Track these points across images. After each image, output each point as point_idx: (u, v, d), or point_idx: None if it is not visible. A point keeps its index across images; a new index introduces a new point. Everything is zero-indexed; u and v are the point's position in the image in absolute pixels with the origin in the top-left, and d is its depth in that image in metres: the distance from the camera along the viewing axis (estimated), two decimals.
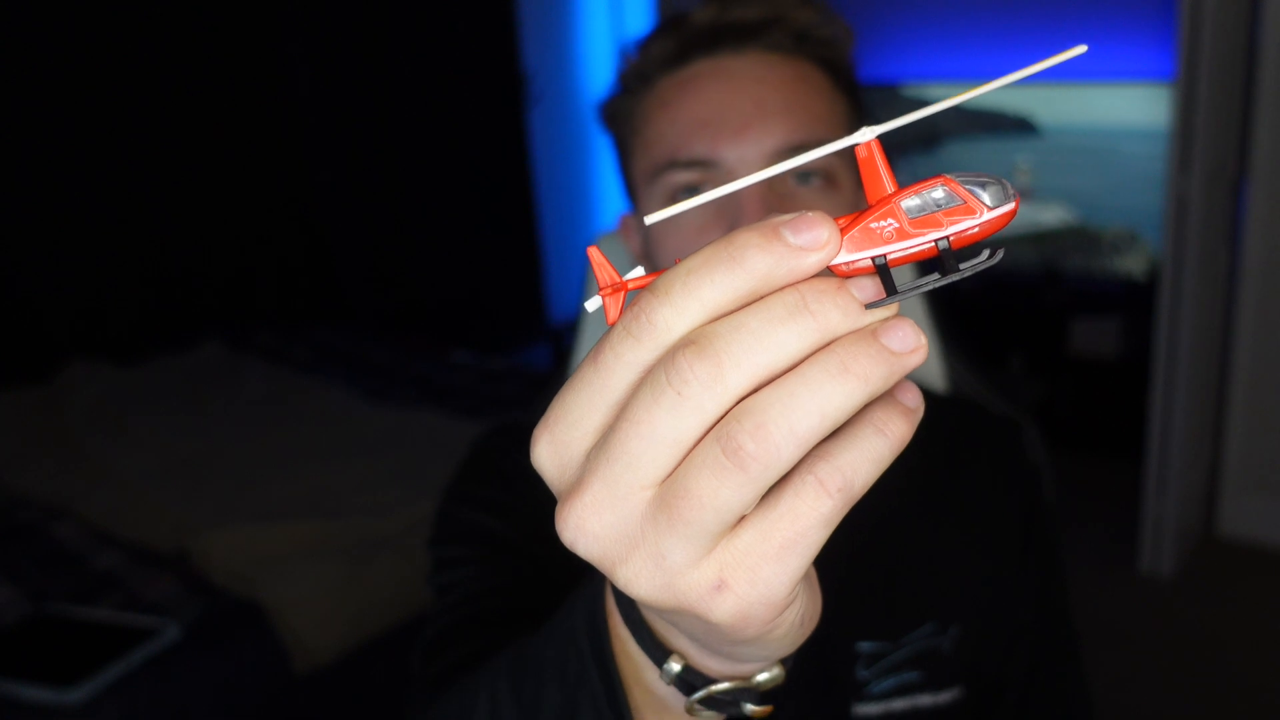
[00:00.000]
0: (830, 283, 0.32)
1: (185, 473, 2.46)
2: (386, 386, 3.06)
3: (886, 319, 0.32)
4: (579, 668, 0.46)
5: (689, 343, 0.31)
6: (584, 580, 0.49)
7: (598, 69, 4.65)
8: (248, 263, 3.70)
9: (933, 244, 0.32)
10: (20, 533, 2.21)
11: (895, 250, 0.32)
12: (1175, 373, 2.88)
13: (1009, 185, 0.33)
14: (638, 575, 0.33)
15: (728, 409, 0.31)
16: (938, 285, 0.33)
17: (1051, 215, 3.88)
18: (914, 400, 0.34)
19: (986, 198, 0.32)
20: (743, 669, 0.42)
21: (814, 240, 0.31)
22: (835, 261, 0.32)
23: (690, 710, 0.43)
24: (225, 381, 3.13)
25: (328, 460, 2.51)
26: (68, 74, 3.18)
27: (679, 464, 0.32)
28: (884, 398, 0.33)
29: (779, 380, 0.31)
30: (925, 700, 0.82)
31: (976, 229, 0.32)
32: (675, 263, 0.33)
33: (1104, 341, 3.70)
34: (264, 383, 3.12)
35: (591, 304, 0.35)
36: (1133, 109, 3.63)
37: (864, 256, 0.32)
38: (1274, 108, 2.87)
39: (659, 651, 0.42)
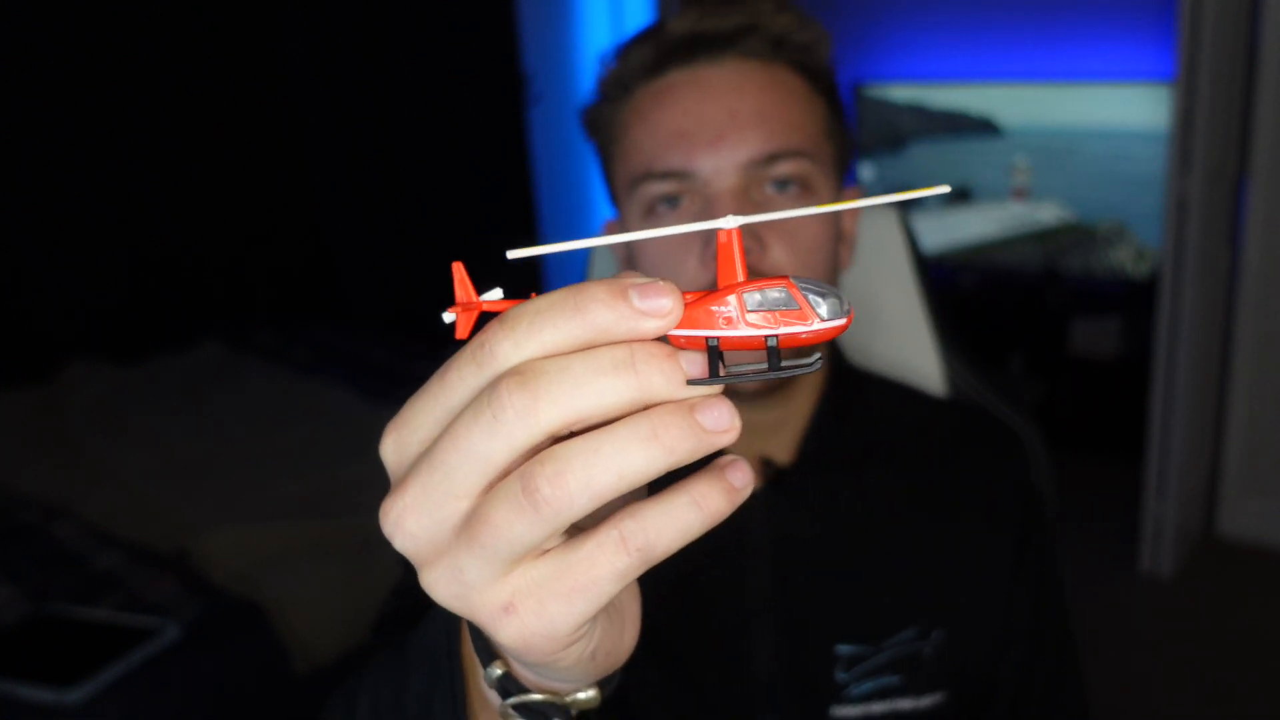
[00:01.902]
0: (662, 349, 0.33)
1: (185, 473, 2.46)
2: (386, 386, 3.06)
3: (707, 396, 0.33)
4: (434, 656, 0.49)
5: (515, 373, 0.32)
6: None
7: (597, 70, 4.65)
8: (248, 262, 3.70)
9: (763, 339, 0.34)
10: (20, 533, 2.21)
11: (729, 336, 0.34)
12: (1175, 373, 2.88)
13: (845, 301, 0.35)
14: (438, 581, 0.35)
15: (538, 442, 0.33)
16: (757, 378, 0.35)
17: (1048, 214, 3.88)
18: (741, 480, 0.34)
19: (823, 309, 0.34)
20: (558, 685, 0.43)
21: (657, 308, 0.33)
22: (673, 332, 0.34)
23: (504, 715, 0.44)
24: (225, 381, 3.13)
25: (328, 460, 2.51)
26: (67, 74, 3.18)
27: (490, 486, 0.34)
28: (711, 471, 0.34)
29: (589, 433, 0.32)
30: (905, 705, 0.82)
31: (806, 335, 0.34)
32: (532, 297, 0.35)
33: (1104, 341, 3.70)
34: (264, 383, 3.12)
35: (447, 316, 0.38)
36: (1132, 109, 3.63)
37: (699, 335, 0.34)
38: (1274, 108, 2.87)
39: (487, 654, 0.44)
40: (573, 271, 4.55)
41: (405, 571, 0.87)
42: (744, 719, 0.82)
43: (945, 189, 0.36)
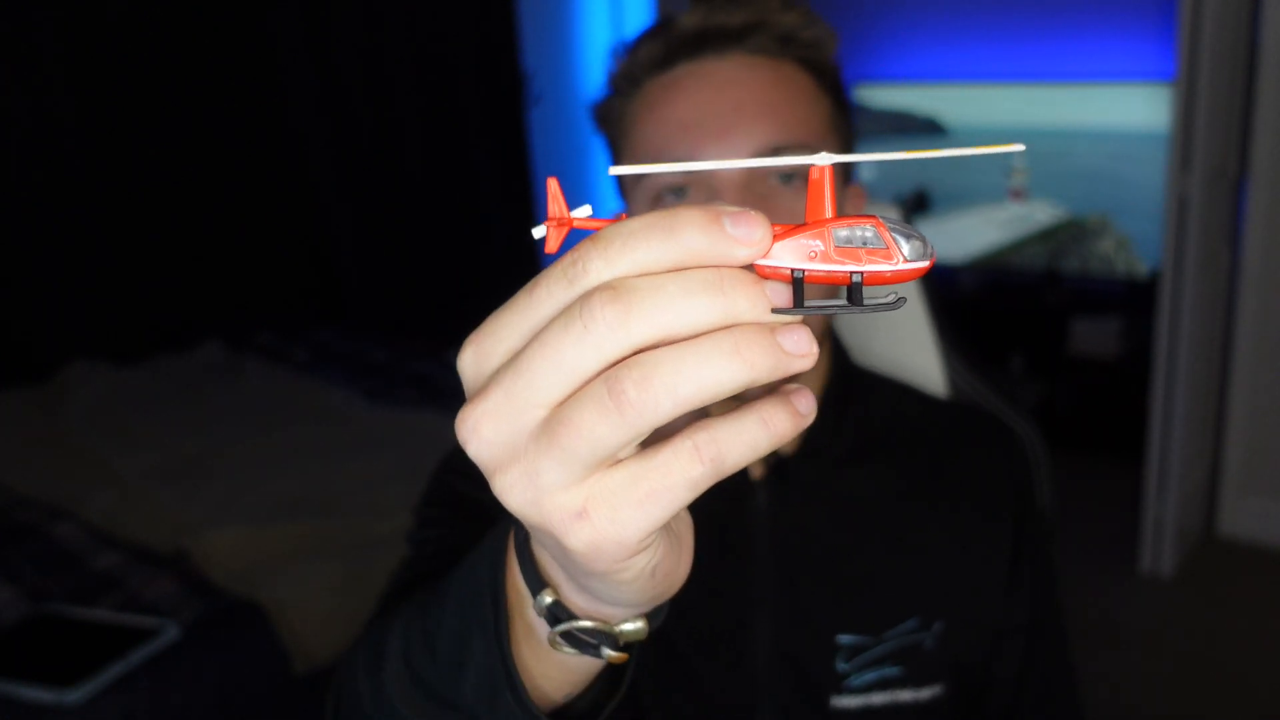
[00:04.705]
0: (749, 275, 0.34)
1: (185, 473, 2.46)
2: (386, 386, 3.06)
3: (788, 321, 0.34)
4: (475, 593, 0.50)
5: (608, 287, 0.33)
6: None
7: (598, 69, 4.65)
8: (248, 263, 3.70)
9: (848, 274, 0.35)
10: (20, 533, 2.20)
11: (815, 269, 0.35)
12: (1175, 373, 2.88)
13: (929, 244, 0.36)
14: (513, 486, 0.36)
15: (625, 355, 0.34)
16: (840, 313, 0.36)
17: (1044, 214, 3.89)
18: (806, 406, 0.36)
19: (906, 249, 0.35)
20: (607, 612, 0.44)
21: (748, 236, 0.34)
22: (760, 262, 0.35)
23: (552, 642, 0.45)
24: (225, 381, 3.13)
25: (328, 460, 2.51)
26: (68, 73, 3.18)
27: (571, 394, 0.34)
28: (779, 394, 0.36)
29: (676, 344, 0.33)
30: (905, 696, 0.83)
31: (890, 274, 0.35)
32: (622, 218, 0.35)
33: (1104, 341, 3.70)
34: (264, 383, 3.12)
35: (538, 231, 0.38)
36: (1132, 109, 3.63)
37: (786, 266, 0.35)
38: (1274, 108, 2.87)
39: (537, 583, 0.45)
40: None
41: (416, 547, 0.88)
42: (745, 708, 0.83)
43: (1020, 147, 0.36)
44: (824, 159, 0.36)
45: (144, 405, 2.91)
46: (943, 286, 4.07)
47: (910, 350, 1.12)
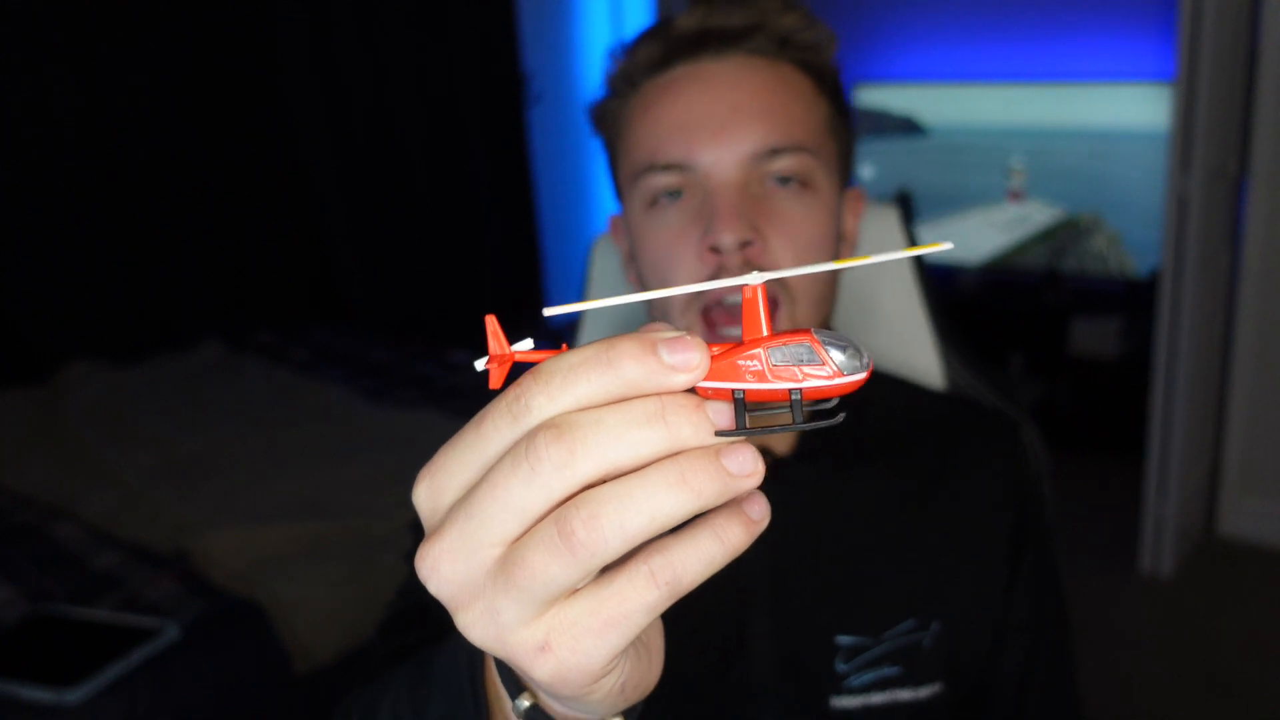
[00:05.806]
0: (691, 400, 0.35)
1: (185, 473, 2.46)
2: (386, 386, 3.06)
3: (732, 442, 0.35)
4: (458, 684, 0.51)
5: (551, 426, 0.34)
6: None
7: (598, 69, 4.65)
8: (248, 263, 3.70)
9: (786, 391, 0.36)
10: (20, 533, 2.21)
11: (754, 389, 0.36)
12: (1175, 373, 2.88)
13: (865, 354, 0.36)
14: (474, 623, 0.36)
15: (574, 492, 0.34)
16: (781, 430, 0.36)
17: (1042, 214, 3.89)
18: (759, 513, 0.36)
19: (842, 362, 0.36)
20: (584, 717, 0.44)
21: (685, 362, 0.34)
22: (701, 384, 0.35)
23: None
24: (225, 381, 3.13)
25: (328, 460, 2.51)
26: (67, 72, 3.18)
27: (525, 532, 0.35)
28: (731, 506, 0.36)
29: (622, 479, 0.34)
30: (904, 696, 0.83)
31: (827, 388, 0.36)
32: (563, 349, 0.36)
33: (1104, 341, 3.70)
34: (264, 383, 3.12)
35: (479, 365, 0.39)
36: (1128, 108, 3.63)
37: (726, 387, 0.36)
38: (1274, 108, 2.87)
39: (514, 686, 0.45)
40: (573, 267, 4.54)
41: (412, 571, 0.88)
42: (744, 710, 0.83)
43: (949, 245, 0.37)
44: (755, 278, 0.36)
45: (144, 405, 2.91)
46: (943, 286, 4.07)
47: (909, 350, 1.12)
